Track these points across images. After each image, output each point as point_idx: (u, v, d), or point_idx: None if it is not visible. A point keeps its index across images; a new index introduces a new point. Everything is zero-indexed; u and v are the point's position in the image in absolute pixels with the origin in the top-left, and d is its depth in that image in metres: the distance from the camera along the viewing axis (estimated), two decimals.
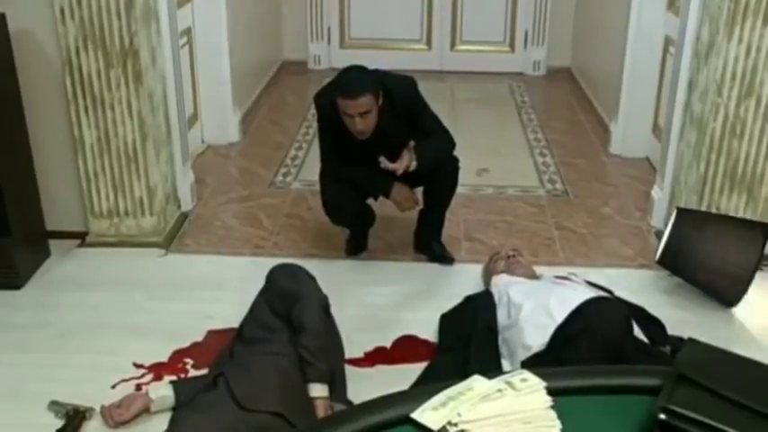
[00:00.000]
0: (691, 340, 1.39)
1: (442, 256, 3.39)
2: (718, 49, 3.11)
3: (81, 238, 3.52)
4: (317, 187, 3.35)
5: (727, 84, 3.14)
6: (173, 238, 3.60)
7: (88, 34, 3.14)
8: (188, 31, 4.45)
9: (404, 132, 3.10)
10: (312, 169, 3.76)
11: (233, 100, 4.84)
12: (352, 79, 2.95)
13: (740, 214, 3.31)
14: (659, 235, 3.43)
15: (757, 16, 3.02)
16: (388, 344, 2.83)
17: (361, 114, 2.91)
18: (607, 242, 3.65)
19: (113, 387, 2.57)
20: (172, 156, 3.65)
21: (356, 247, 3.46)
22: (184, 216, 3.79)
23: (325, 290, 2.58)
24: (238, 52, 4.86)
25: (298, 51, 6.51)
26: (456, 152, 3.24)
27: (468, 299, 2.94)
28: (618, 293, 2.85)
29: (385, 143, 3.06)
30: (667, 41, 4.26)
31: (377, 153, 3.04)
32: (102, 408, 2.42)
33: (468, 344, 2.63)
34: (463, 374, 1.35)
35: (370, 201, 3.36)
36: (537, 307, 2.56)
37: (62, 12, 3.10)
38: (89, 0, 3.08)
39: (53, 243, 3.45)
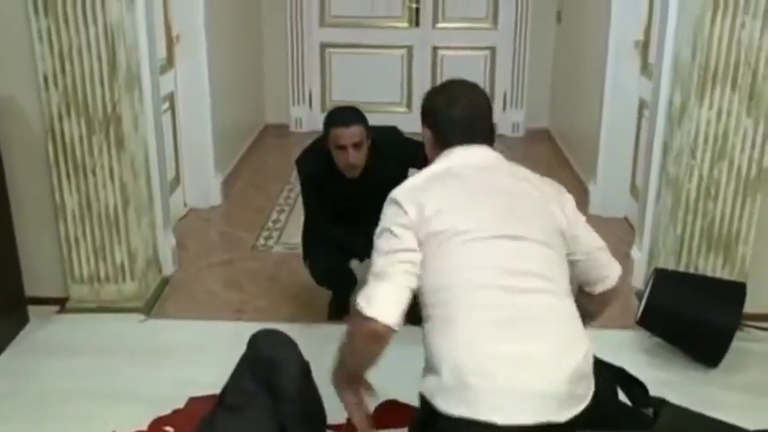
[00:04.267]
0: (668, 405, 1.40)
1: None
2: (690, 113, 3.18)
3: (61, 304, 3.49)
4: (299, 250, 3.35)
5: (701, 147, 3.20)
6: (154, 303, 3.58)
7: (71, 101, 3.17)
8: (170, 96, 4.49)
9: (394, 174, 3.13)
10: (294, 232, 3.76)
11: (215, 163, 4.87)
12: (343, 111, 3.06)
13: (717, 274, 3.34)
14: (639, 295, 3.45)
15: (726, 83, 3.10)
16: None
17: (354, 145, 2.95)
18: None
19: None
20: (153, 220, 3.65)
21: (338, 309, 3.45)
22: (165, 281, 3.78)
23: (306, 355, 2.57)
24: (220, 116, 4.91)
25: (280, 115, 6.59)
26: None
27: None
28: (598, 354, 2.84)
29: (373, 191, 3.08)
30: (642, 104, 4.35)
31: (364, 204, 3.07)
32: None
33: None
34: None
35: (352, 264, 3.36)
36: None
37: (45, 79, 3.14)
38: (73, 68, 3.13)
39: (32, 309, 3.42)
